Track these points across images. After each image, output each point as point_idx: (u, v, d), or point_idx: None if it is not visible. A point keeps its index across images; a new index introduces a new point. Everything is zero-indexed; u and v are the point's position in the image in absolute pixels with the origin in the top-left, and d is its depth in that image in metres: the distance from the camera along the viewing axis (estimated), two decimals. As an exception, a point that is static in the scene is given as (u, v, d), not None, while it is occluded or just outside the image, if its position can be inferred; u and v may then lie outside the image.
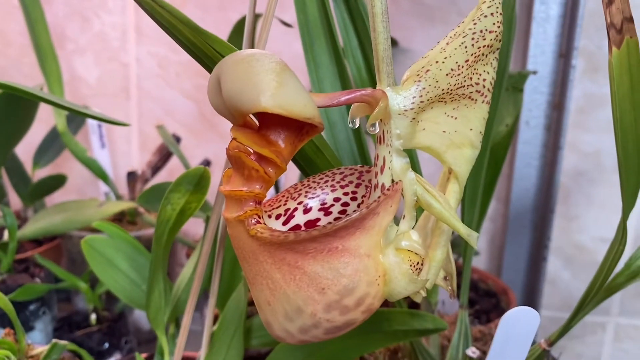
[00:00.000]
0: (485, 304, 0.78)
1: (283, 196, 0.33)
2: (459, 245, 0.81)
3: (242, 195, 0.27)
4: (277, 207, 0.33)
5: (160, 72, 0.98)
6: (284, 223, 0.33)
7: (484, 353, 0.58)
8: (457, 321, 0.53)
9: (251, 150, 0.27)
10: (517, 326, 0.32)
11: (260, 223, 0.27)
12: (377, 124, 0.29)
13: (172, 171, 0.98)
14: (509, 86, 0.58)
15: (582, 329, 0.96)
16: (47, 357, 0.59)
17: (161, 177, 0.96)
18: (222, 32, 0.91)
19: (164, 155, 0.90)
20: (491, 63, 0.32)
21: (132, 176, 0.92)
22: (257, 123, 0.29)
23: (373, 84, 0.44)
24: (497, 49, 0.32)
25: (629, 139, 0.38)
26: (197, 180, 0.42)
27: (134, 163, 1.03)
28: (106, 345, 0.73)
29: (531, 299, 0.89)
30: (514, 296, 0.78)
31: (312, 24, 0.50)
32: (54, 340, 0.60)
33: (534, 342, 0.50)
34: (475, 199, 0.50)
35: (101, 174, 0.88)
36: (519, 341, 0.32)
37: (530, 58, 0.82)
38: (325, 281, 0.28)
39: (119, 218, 0.91)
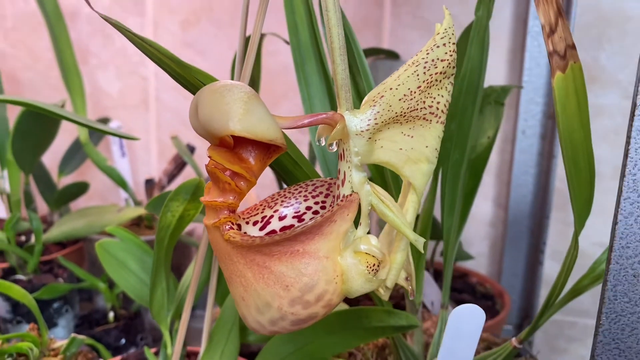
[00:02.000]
0: (481, 305, 0.81)
1: (261, 205, 0.38)
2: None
3: (217, 205, 0.32)
4: (254, 215, 0.37)
5: (177, 85, 1.04)
6: (261, 229, 0.37)
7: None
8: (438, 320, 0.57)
9: (225, 167, 0.32)
10: (465, 322, 0.36)
11: (234, 229, 0.32)
12: (334, 143, 0.34)
13: (187, 179, 1.03)
14: (491, 100, 0.62)
15: (584, 332, 0.99)
16: (67, 350, 0.65)
17: (177, 184, 1.01)
18: (233, 47, 0.97)
19: (178, 164, 0.96)
20: (446, 87, 0.36)
21: (149, 183, 0.98)
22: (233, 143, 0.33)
23: (359, 102, 0.48)
24: (452, 74, 0.36)
25: (579, 153, 0.42)
26: (194, 190, 0.47)
27: (153, 171, 1.09)
28: (123, 341, 0.79)
29: (530, 302, 0.92)
30: (509, 299, 0.82)
31: (304, 47, 0.54)
32: (73, 335, 0.65)
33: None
34: (454, 206, 0.54)
35: (120, 182, 0.94)
36: (468, 336, 0.36)
37: (525, 70, 0.85)
38: (289, 279, 0.32)
39: (137, 223, 0.97)
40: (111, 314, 0.81)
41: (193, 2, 1.01)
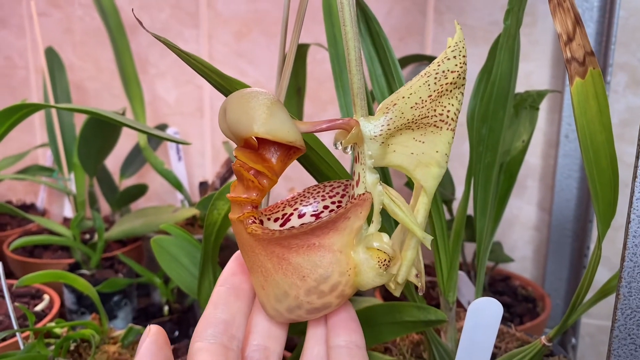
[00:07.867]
0: (522, 308, 0.82)
1: (282, 203, 0.41)
2: (493, 251, 0.86)
3: (242, 201, 0.35)
4: (275, 212, 0.40)
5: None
6: (281, 225, 0.40)
7: (495, 347, 0.63)
8: (472, 318, 0.59)
9: (249, 166, 0.35)
10: (483, 316, 0.38)
11: (256, 223, 0.35)
12: (349, 147, 0.37)
13: (239, 181, 1.08)
14: (527, 105, 0.63)
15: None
16: (125, 338, 0.71)
17: (229, 186, 1.07)
18: (281, 56, 1.01)
19: (230, 168, 1.01)
20: (456, 97, 0.38)
21: (203, 186, 1.03)
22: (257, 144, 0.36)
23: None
24: (462, 85, 0.38)
25: (602, 155, 0.43)
26: (237, 190, 0.51)
27: (207, 174, 1.15)
28: (176, 333, 0.84)
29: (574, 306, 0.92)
30: (550, 302, 0.82)
31: (342, 57, 0.58)
32: (130, 325, 0.71)
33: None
34: (486, 207, 0.56)
35: (176, 184, 0.99)
36: (486, 329, 0.38)
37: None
38: (305, 270, 0.34)
39: (191, 223, 1.02)
40: (166, 308, 0.86)
41: (245, 15, 1.06)
